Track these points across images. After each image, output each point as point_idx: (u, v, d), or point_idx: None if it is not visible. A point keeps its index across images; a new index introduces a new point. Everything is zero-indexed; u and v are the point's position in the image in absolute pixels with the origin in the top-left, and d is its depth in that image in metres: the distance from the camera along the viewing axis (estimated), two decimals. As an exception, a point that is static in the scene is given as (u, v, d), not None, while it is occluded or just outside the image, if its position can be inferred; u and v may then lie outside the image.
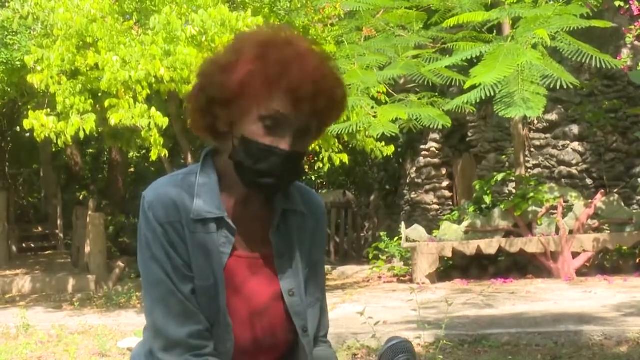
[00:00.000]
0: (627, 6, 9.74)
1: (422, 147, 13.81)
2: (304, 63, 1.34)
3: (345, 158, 9.46)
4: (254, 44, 1.36)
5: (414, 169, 14.09)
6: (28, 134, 13.41)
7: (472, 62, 3.84)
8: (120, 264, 12.50)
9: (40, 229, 17.39)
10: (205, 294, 1.38)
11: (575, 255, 9.90)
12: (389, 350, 1.36)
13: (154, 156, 8.02)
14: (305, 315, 1.47)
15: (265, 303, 1.44)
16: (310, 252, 1.50)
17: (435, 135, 13.51)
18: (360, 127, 5.76)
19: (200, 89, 1.40)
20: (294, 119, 1.34)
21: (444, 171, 13.85)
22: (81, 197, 18.25)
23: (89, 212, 12.45)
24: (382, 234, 12.76)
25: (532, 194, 10.16)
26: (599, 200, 10.08)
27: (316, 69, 1.35)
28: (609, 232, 9.96)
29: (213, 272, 1.38)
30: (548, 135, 11.97)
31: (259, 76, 1.33)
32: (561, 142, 11.86)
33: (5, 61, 9.26)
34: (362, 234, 16.14)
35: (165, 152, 8.11)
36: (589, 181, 11.64)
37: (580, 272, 9.88)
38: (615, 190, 11.05)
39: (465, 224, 10.55)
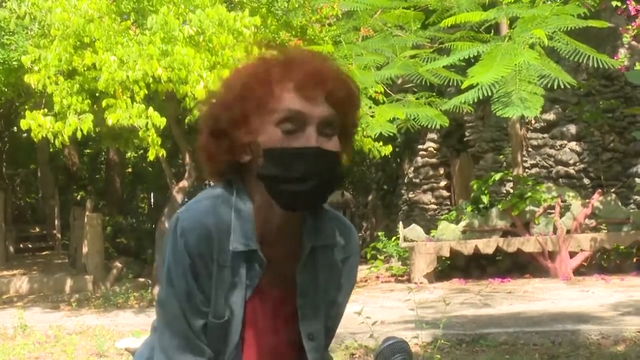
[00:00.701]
0: (624, 6, 9.75)
1: (420, 147, 13.82)
2: (306, 59, 1.31)
3: (342, 158, 9.43)
4: (249, 63, 1.34)
5: (412, 168, 14.10)
6: (25, 134, 13.36)
7: (470, 62, 3.85)
8: (118, 264, 12.50)
9: (37, 229, 17.37)
10: (216, 329, 1.34)
11: (572, 254, 9.91)
12: (385, 350, 1.35)
13: (151, 156, 8.00)
14: (322, 359, 1.43)
15: (282, 342, 1.41)
16: (336, 294, 1.44)
17: (433, 135, 13.52)
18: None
19: (210, 121, 1.35)
20: (310, 113, 1.28)
21: (441, 171, 13.86)
22: (79, 198, 18.23)
23: (87, 213, 12.43)
24: (380, 233, 12.77)
25: (529, 194, 10.17)
26: (596, 200, 10.09)
27: (320, 62, 1.33)
28: (606, 231, 9.97)
29: (231, 308, 1.34)
30: (545, 135, 11.98)
31: (262, 83, 1.29)
32: (559, 142, 11.87)
33: (2, 61, 9.24)
34: (360, 234, 16.15)
35: (163, 152, 8.09)
36: (586, 181, 11.66)
37: (578, 272, 9.90)
38: (613, 190, 11.06)
39: (462, 223, 10.56)
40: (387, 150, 9.66)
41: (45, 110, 8.09)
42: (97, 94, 8.11)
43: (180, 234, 1.31)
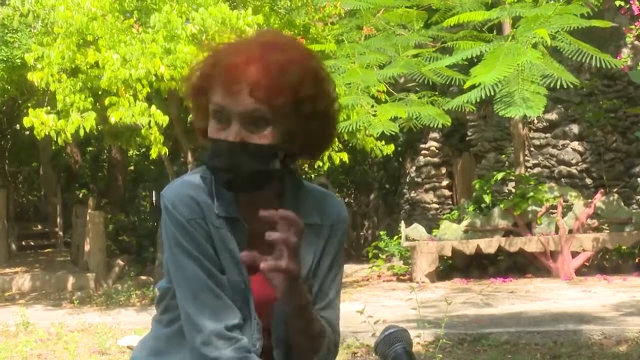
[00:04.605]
0: (628, 6, 9.73)
1: (422, 146, 13.82)
2: (237, 50, 1.33)
3: (345, 157, 9.45)
4: (219, 47, 1.39)
5: (414, 168, 14.10)
6: (28, 132, 13.39)
7: (473, 62, 3.85)
8: (120, 262, 12.52)
9: (39, 227, 17.40)
10: (235, 288, 1.37)
11: (574, 254, 9.91)
12: (385, 339, 1.35)
13: (154, 154, 8.02)
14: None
15: (267, 313, 1.42)
16: (319, 261, 1.44)
17: (435, 135, 13.52)
18: (360, 126, 5.76)
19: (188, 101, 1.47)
20: (232, 107, 1.31)
21: (443, 170, 13.86)
22: (81, 196, 18.24)
23: (89, 211, 12.46)
24: (381, 232, 12.76)
25: (531, 194, 10.17)
26: (598, 200, 10.08)
27: (252, 52, 1.31)
28: (608, 231, 9.96)
29: (238, 267, 1.38)
30: (548, 135, 11.97)
31: (209, 74, 1.36)
32: (561, 142, 11.87)
33: (5, 59, 9.26)
34: (361, 233, 16.15)
35: (165, 151, 8.11)
36: (588, 181, 11.65)
37: (580, 272, 9.89)
38: (615, 190, 11.05)
39: (464, 223, 10.55)
40: (389, 149, 9.67)
41: (48, 108, 8.11)
42: (99, 92, 8.12)
43: (172, 208, 1.37)
